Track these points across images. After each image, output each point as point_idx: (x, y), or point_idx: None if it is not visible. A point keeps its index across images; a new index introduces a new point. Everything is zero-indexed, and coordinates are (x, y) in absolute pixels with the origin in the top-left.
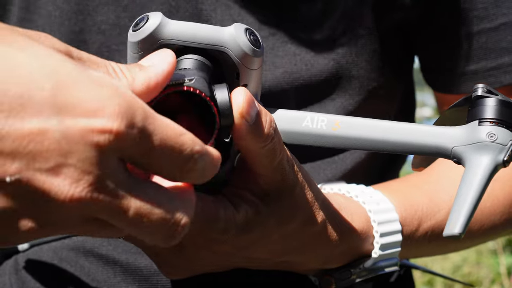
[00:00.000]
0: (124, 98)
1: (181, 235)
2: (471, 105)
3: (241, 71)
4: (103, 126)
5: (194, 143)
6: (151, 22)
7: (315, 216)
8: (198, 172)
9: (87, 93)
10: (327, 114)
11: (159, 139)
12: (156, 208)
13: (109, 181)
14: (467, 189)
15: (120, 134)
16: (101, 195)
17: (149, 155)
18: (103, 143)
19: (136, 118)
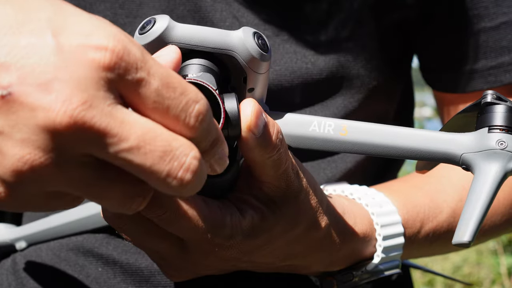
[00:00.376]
0: (121, 31)
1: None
2: (480, 111)
3: (248, 75)
4: (99, 43)
5: (198, 91)
6: (158, 25)
7: (319, 221)
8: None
9: (85, 19)
10: (334, 118)
11: (160, 73)
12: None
13: (104, 103)
14: (477, 197)
15: (116, 54)
16: (95, 116)
17: (150, 91)
18: (98, 60)
19: (133, 47)
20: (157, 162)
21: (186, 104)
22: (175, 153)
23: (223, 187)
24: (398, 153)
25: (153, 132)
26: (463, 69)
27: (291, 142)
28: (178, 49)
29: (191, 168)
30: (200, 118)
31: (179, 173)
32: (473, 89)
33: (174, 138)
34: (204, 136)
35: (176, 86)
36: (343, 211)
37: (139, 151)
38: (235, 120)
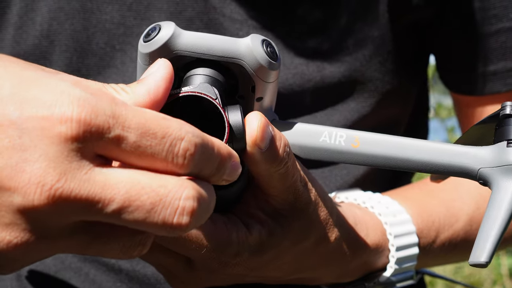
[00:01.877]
0: (86, 87)
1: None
2: (498, 123)
3: (256, 84)
4: (62, 115)
5: (182, 125)
6: (164, 33)
7: (329, 234)
8: (199, 158)
9: (47, 87)
10: (346, 129)
11: (137, 124)
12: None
13: (81, 173)
14: (495, 214)
15: (82, 122)
16: (74, 189)
17: (129, 145)
18: (65, 133)
19: (101, 104)
20: (148, 215)
21: (170, 146)
22: (165, 201)
23: (230, 199)
24: (412, 166)
25: (137, 185)
26: (481, 71)
27: (301, 153)
28: (168, 63)
29: (186, 210)
30: (188, 155)
31: (175, 219)
32: (492, 92)
33: (161, 185)
34: (201, 166)
35: (155, 131)
36: (354, 221)
37: (128, 210)
38: (240, 134)
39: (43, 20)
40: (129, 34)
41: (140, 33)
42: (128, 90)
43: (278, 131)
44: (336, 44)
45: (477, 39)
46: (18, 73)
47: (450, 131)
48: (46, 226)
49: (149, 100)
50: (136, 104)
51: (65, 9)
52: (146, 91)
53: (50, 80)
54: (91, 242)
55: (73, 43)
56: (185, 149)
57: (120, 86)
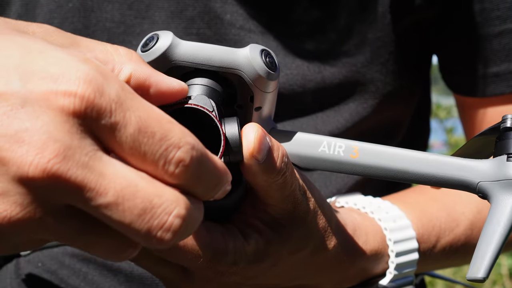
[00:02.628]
0: (96, 66)
1: (177, 233)
2: (498, 136)
3: (255, 94)
4: (67, 89)
5: (185, 134)
6: (161, 43)
7: (327, 242)
8: (191, 173)
9: (54, 59)
10: (345, 139)
11: (138, 117)
12: (140, 191)
13: (80, 153)
14: (493, 229)
15: (86, 99)
16: (71, 169)
17: (125, 136)
18: (68, 107)
19: (108, 87)
20: (135, 220)
21: (165, 150)
22: (156, 211)
23: (228, 208)
24: (411, 178)
25: (134, 186)
26: (484, 72)
27: (299, 163)
28: (185, 85)
29: (172, 228)
30: (182, 165)
31: (158, 232)
32: (495, 93)
33: (157, 193)
34: (193, 182)
35: (155, 130)
36: (353, 228)
37: (117, 208)
38: (236, 146)
39: (43, 19)
40: (130, 33)
41: (140, 32)
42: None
43: (276, 141)
44: (337, 45)
45: (480, 41)
46: (26, 44)
47: (449, 132)
48: (37, 203)
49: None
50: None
51: (65, 7)
52: (146, 75)
53: (59, 53)
54: (80, 233)
55: None
56: (179, 159)
57: (134, 54)
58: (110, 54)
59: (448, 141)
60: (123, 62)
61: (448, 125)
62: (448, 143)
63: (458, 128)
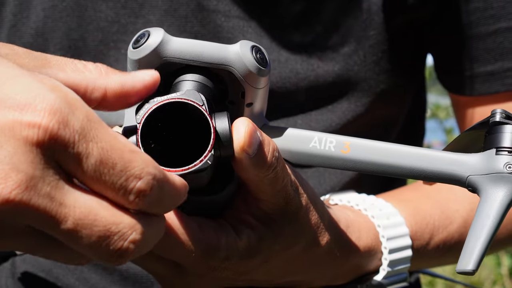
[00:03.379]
0: (64, 95)
1: (131, 254)
2: (488, 130)
3: (246, 90)
4: (32, 120)
5: (147, 164)
6: (153, 39)
7: (319, 238)
8: (151, 200)
9: (22, 87)
10: (336, 135)
11: (100, 148)
12: (99, 220)
13: (42, 183)
14: (482, 222)
15: (49, 131)
16: (32, 199)
17: (86, 166)
18: (31, 138)
19: (73, 117)
20: (93, 245)
21: (125, 180)
22: (112, 239)
23: (220, 204)
24: (401, 173)
25: (93, 215)
26: (479, 71)
27: (291, 158)
28: (157, 76)
29: (128, 252)
30: (142, 195)
31: (114, 256)
32: (489, 92)
33: (115, 221)
34: (154, 206)
35: (116, 162)
36: (346, 225)
37: (76, 234)
38: (227, 141)
39: (37, 18)
40: (123, 31)
41: (134, 30)
42: (103, 71)
43: (267, 136)
44: (329, 42)
45: (474, 40)
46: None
47: (448, 132)
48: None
49: (118, 92)
50: (104, 85)
51: (59, 7)
52: (120, 83)
53: (27, 80)
54: (39, 246)
55: (67, 41)
56: (139, 189)
57: (97, 64)
58: (82, 72)
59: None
60: (95, 79)
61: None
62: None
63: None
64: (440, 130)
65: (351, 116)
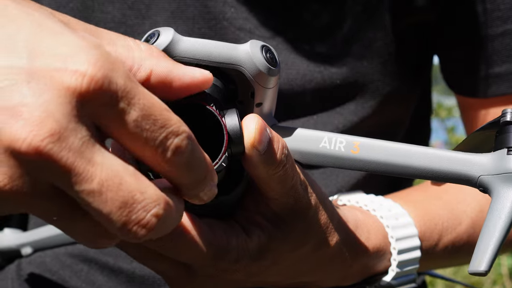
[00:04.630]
0: (107, 53)
1: (150, 230)
2: (498, 130)
3: (256, 90)
4: (77, 69)
5: (181, 123)
6: (163, 39)
7: (329, 239)
8: (185, 160)
9: (66, 41)
10: (346, 135)
11: (142, 104)
12: (124, 184)
13: (75, 137)
14: (494, 223)
15: (94, 81)
16: (62, 151)
17: (129, 122)
18: (74, 86)
19: (116, 74)
20: (114, 211)
21: (165, 137)
22: (136, 207)
23: (230, 204)
24: (412, 173)
25: (119, 178)
26: (486, 73)
27: (301, 159)
28: (209, 76)
29: (148, 226)
30: (178, 152)
31: (134, 227)
32: (496, 94)
33: (140, 189)
34: (185, 172)
35: (157, 118)
36: (355, 225)
37: (99, 196)
38: (238, 138)
39: None
40: (130, 33)
41: (142, 32)
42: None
43: (276, 133)
44: (338, 46)
45: (481, 41)
46: (39, 21)
47: (449, 131)
48: (25, 177)
49: (162, 79)
50: (149, 68)
51: (66, 8)
52: (167, 70)
53: (71, 35)
54: (60, 214)
55: None
56: (177, 145)
57: (148, 45)
58: (132, 50)
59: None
60: (143, 58)
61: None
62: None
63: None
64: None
65: (358, 118)
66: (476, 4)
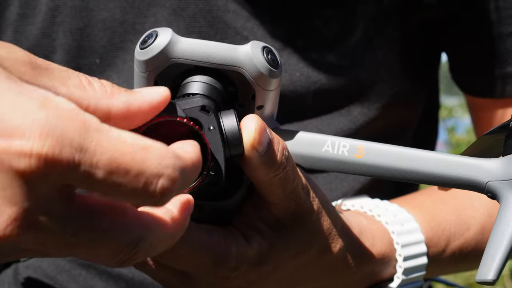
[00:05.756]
0: (54, 108)
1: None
2: (508, 135)
3: (257, 92)
4: (22, 148)
5: (162, 157)
6: (160, 40)
7: (332, 245)
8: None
9: (8, 105)
10: (349, 139)
11: (107, 159)
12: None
13: (43, 214)
14: (503, 230)
15: (43, 158)
16: (32, 232)
17: (98, 181)
18: (24, 169)
19: (68, 133)
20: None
21: (145, 184)
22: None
23: (230, 210)
24: (418, 178)
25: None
26: (496, 72)
27: (303, 163)
28: (166, 90)
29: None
30: (167, 192)
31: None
32: (507, 95)
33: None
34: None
35: (129, 167)
36: (360, 231)
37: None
38: (236, 139)
39: (43, 18)
40: (131, 31)
41: (142, 30)
42: (108, 90)
43: (276, 134)
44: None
45: (492, 40)
46: None
47: (450, 131)
48: None
49: (124, 112)
50: (108, 106)
51: (66, 6)
52: (127, 103)
53: (14, 96)
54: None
55: (74, 41)
56: (162, 188)
57: (102, 82)
58: (85, 90)
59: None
60: (99, 98)
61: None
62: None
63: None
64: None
65: (364, 120)
66: (487, 2)
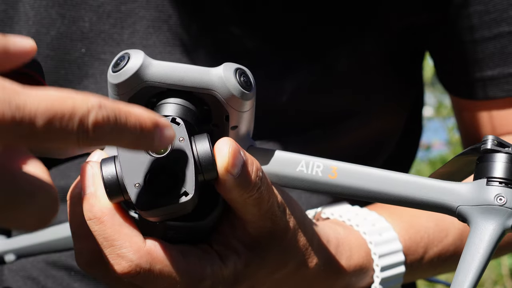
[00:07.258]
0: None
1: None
2: (479, 158)
3: (230, 114)
4: None
5: (88, 97)
6: (132, 63)
7: (308, 260)
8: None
9: None
10: (324, 159)
11: (44, 108)
12: None
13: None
14: (472, 254)
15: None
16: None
17: (39, 131)
18: None
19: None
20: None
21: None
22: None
23: (205, 230)
24: (390, 200)
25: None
26: (480, 76)
27: (278, 181)
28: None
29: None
30: (98, 127)
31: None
32: (488, 97)
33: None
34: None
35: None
36: (337, 244)
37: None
38: (210, 164)
39: (22, 28)
40: (110, 42)
41: (120, 41)
42: None
43: (250, 155)
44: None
45: (475, 44)
46: None
47: (450, 130)
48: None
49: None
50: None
51: (44, 17)
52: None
53: None
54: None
55: (52, 52)
56: (94, 122)
57: None
58: None
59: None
60: None
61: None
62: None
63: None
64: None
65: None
66: (470, 6)
